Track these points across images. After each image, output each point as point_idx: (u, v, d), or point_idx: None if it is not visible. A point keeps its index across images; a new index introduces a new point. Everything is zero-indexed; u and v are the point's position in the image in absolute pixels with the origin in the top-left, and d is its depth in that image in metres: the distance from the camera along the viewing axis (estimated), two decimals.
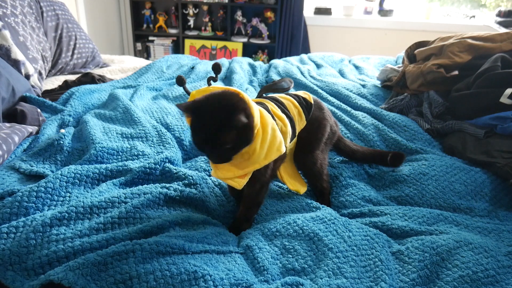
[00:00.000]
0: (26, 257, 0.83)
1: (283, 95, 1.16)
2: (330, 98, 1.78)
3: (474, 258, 0.89)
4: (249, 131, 0.88)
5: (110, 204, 0.99)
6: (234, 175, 0.95)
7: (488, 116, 1.38)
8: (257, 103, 1.04)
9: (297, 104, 1.12)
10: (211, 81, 1.11)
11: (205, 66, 2.17)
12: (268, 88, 1.22)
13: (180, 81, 1.03)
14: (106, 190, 1.07)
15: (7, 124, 1.34)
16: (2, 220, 0.93)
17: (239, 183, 0.95)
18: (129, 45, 4.34)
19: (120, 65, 2.37)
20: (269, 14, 3.82)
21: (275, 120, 1.01)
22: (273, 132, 0.95)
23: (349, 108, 1.67)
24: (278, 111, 1.05)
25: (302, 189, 1.16)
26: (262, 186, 1.02)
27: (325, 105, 1.23)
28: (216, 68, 1.06)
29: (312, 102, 1.16)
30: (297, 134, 1.11)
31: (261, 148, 0.93)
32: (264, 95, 1.19)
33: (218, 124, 0.85)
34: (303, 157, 1.14)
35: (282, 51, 3.83)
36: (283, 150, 0.97)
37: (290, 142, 1.07)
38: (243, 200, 1.04)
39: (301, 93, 1.19)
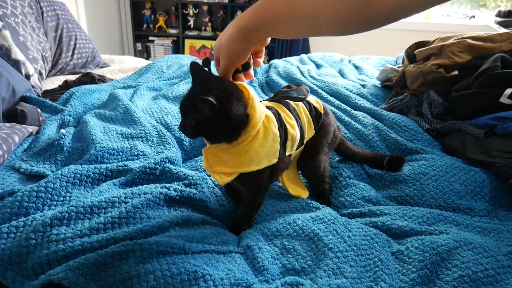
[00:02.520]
0: (26, 257, 0.84)
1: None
2: (330, 98, 1.78)
3: (474, 258, 0.89)
4: (219, 121, 0.86)
5: (110, 204, 0.99)
6: (221, 170, 0.94)
7: (488, 116, 1.39)
8: (269, 107, 1.03)
9: (307, 112, 1.11)
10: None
11: None
12: (283, 93, 1.11)
13: (207, 63, 0.96)
14: (106, 190, 1.07)
15: (7, 124, 1.34)
16: (2, 220, 0.93)
17: (223, 179, 0.95)
18: (129, 45, 4.34)
19: (120, 65, 2.38)
20: None
21: (285, 126, 1.00)
22: (272, 143, 0.95)
23: (349, 108, 1.67)
24: (290, 118, 1.03)
25: (304, 194, 1.15)
26: (259, 189, 1.01)
27: (329, 110, 1.22)
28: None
29: (322, 113, 1.15)
30: (304, 143, 1.10)
31: (255, 153, 0.92)
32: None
33: (192, 97, 0.87)
34: (308, 162, 1.13)
35: (282, 51, 3.84)
36: (274, 161, 0.97)
37: (296, 150, 1.07)
38: (241, 201, 1.04)
39: (313, 100, 1.16)
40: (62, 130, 1.39)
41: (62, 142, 1.27)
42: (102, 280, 0.77)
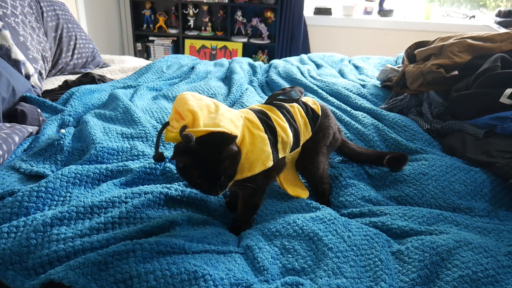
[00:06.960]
0: (27, 256, 0.84)
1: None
2: (330, 98, 1.78)
3: (474, 258, 0.89)
4: (238, 154, 0.92)
5: (111, 204, 0.99)
6: None
7: (488, 116, 1.39)
8: (259, 111, 1.04)
9: (304, 114, 1.10)
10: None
11: (205, 66, 2.17)
12: (277, 95, 1.12)
13: (160, 159, 0.91)
14: (106, 190, 1.07)
15: (7, 124, 1.34)
16: (2, 220, 0.93)
17: None
18: (129, 45, 4.34)
19: (120, 65, 2.37)
20: (269, 14, 3.82)
21: (274, 129, 1.00)
22: (262, 146, 0.95)
23: (349, 108, 1.67)
24: (282, 120, 1.03)
25: (304, 194, 1.15)
26: (255, 191, 1.00)
27: (330, 111, 1.21)
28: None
29: (320, 114, 1.14)
30: (301, 144, 1.10)
31: (246, 159, 0.93)
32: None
33: (215, 157, 0.86)
34: (307, 164, 1.13)
35: (282, 51, 3.83)
36: (270, 164, 0.97)
37: (291, 152, 1.07)
38: (239, 202, 1.04)
39: (310, 102, 1.16)
40: (62, 130, 1.39)
41: (62, 142, 1.27)
42: (102, 280, 0.77)
